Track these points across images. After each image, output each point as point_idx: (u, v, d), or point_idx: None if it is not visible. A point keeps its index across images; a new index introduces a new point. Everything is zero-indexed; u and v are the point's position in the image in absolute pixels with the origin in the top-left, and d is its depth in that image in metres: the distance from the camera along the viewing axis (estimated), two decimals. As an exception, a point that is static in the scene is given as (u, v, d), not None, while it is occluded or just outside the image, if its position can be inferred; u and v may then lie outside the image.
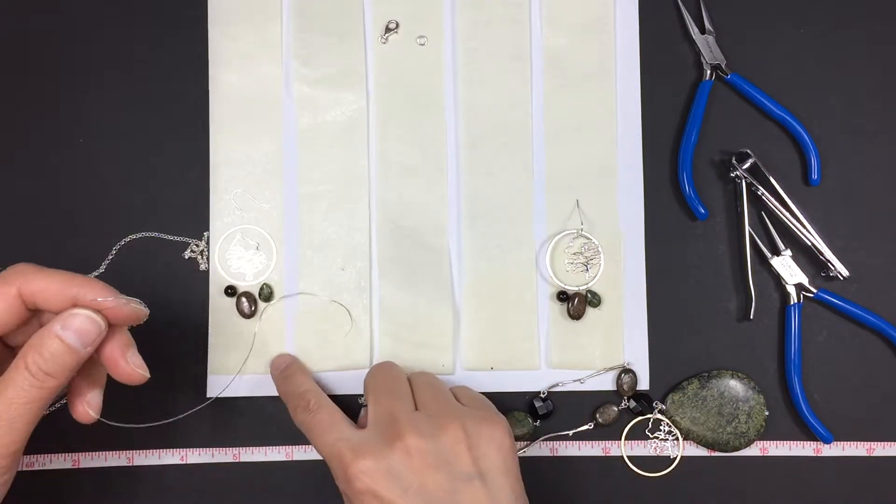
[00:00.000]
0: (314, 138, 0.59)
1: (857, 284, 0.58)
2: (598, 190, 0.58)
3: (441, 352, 0.58)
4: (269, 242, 0.59)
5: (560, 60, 0.59)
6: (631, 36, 0.59)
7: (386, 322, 0.58)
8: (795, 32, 0.60)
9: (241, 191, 0.59)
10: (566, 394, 0.58)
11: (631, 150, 0.59)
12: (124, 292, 0.59)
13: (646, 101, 0.59)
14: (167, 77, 0.60)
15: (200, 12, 0.60)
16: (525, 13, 0.60)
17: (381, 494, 0.45)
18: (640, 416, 0.57)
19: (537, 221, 0.59)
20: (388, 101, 0.59)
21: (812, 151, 0.58)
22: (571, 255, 0.58)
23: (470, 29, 0.59)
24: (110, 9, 0.60)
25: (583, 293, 0.58)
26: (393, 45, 0.60)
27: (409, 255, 0.58)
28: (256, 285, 0.58)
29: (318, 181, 0.59)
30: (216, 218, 0.59)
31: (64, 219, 0.59)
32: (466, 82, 0.59)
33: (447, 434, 0.47)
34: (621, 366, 0.57)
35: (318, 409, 0.50)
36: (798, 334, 0.57)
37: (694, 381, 0.57)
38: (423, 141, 0.59)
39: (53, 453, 0.58)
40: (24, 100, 0.60)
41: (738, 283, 0.58)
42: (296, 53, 0.59)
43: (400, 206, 0.59)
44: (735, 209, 0.58)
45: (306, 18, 0.59)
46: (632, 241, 0.58)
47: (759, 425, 0.57)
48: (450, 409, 0.49)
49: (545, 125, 0.59)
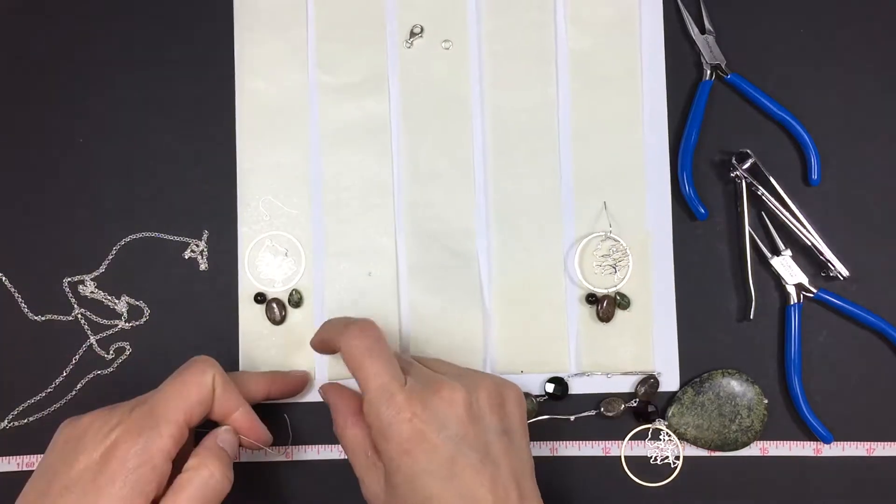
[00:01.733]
0: (340, 144, 0.59)
1: (857, 284, 0.58)
2: (626, 191, 0.58)
3: (472, 355, 0.57)
4: (298, 248, 0.59)
5: (586, 62, 0.59)
6: (656, 35, 0.59)
7: (415, 326, 0.58)
8: (795, 32, 0.60)
9: (270, 197, 0.59)
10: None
11: (658, 151, 0.59)
12: (124, 292, 0.59)
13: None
14: (167, 77, 0.60)
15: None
16: (549, 15, 0.60)
17: (429, 437, 0.45)
18: (641, 426, 0.57)
19: (565, 224, 0.58)
20: (414, 106, 0.59)
21: (812, 151, 0.58)
22: (600, 257, 0.58)
23: (495, 32, 0.59)
24: (114, 6, 0.60)
25: (612, 295, 0.58)
26: (418, 50, 0.60)
27: (438, 260, 0.58)
28: (286, 291, 0.58)
29: (344, 187, 0.59)
30: (244, 224, 0.59)
31: (64, 219, 0.59)
32: (492, 86, 0.59)
33: (482, 390, 0.48)
34: (651, 372, 0.57)
35: (375, 339, 0.49)
36: (798, 334, 0.57)
37: (688, 390, 0.57)
38: (449, 145, 0.59)
39: (53, 453, 0.58)
40: (25, 100, 0.60)
41: (738, 283, 0.58)
42: (319, 61, 0.59)
43: (428, 210, 0.59)
44: (735, 209, 0.58)
45: (329, 26, 0.60)
46: (660, 241, 0.58)
47: (761, 416, 0.57)
48: (473, 371, 0.52)
49: (572, 127, 0.59)
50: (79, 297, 0.59)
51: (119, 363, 0.58)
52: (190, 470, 0.46)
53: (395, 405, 0.46)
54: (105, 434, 0.45)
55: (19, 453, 0.58)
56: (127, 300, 0.59)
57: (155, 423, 0.46)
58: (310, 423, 0.58)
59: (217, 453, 0.48)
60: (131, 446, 0.45)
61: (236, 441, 0.50)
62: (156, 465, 0.45)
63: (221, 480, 0.47)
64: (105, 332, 0.59)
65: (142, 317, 0.59)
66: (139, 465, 0.45)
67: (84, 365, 0.58)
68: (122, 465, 0.44)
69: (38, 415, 0.58)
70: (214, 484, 0.46)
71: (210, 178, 0.59)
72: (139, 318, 0.59)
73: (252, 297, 0.58)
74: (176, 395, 0.48)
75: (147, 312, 0.59)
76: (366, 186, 0.59)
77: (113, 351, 0.58)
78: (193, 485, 0.46)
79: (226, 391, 0.50)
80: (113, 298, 0.59)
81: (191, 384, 0.48)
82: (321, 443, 0.58)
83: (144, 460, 0.45)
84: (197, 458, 0.47)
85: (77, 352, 0.58)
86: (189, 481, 0.46)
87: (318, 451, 0.58)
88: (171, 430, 0.46)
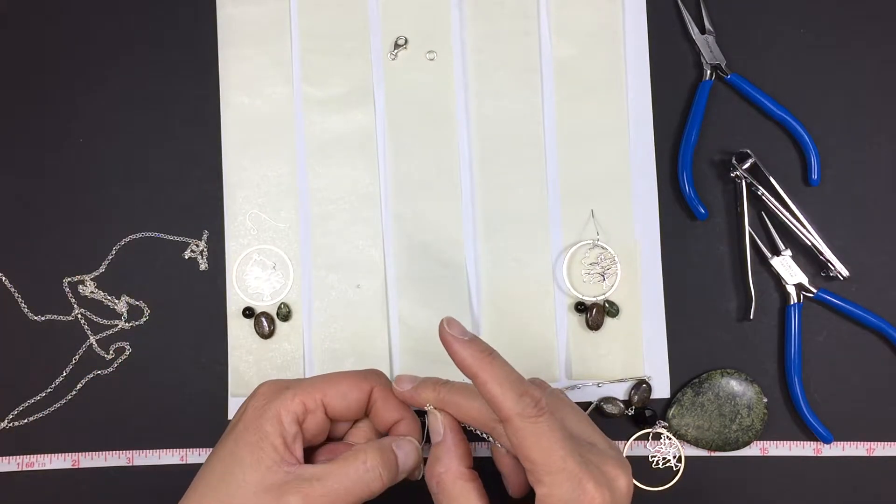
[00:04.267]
0: (326, 157, 0.59)
1: (857, 284, 0.58)
2: (613, 199, 0.58)
3: None
4: (286, 262, 0.58)
5: (570, 71, 0.59)
6: (640, 43, 0.59)
7: (405, 338, 0.58)
8: (795, 32, 0.60)
9: (257, 211, 0.59)
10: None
11: (644, 158, 0.59)
12: (124, 292, 0.59)
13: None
14: (167, 77, 0.60)
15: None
16: (534, 24, 0.59)
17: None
18: (642, 430, 0.57)
19: (553, 232, 0.58)
20: (399, 117, 0.59)
21: (812, 151, 0.58)
22: (588, 265, 0.58)
23: (479, 42, 0.59)
24: (112, 10, 0.60)
25: (601, 303, 0.58)
26: (402, 61, 0.60)
27: (426, 271, 0.58)
28: (274, 305, 0.58)
29: (331, 199, 0.59)
30: (231, 238, 0.59)
31: (64, 219, 0.59)
32: (478, 96, 0.59)
33: (626, 474, 0.45)
34: (641, 378, 0.57)
35: (548, 412, 0.43)
36: (798, 334, 0.57)
37: (687, 391, 0.57)
38: (436, 156, 0.59)
39: (53, 453, 0.58)
40: (25, 100, 0.60)
41: (738, 283, 0.58)
42: (304, 74, 0.59)
43: (415, 221, 0.59)
44: (735, 209, 0.58)
45: (314, 38, 0.60)
46: (648, 249, 0.58)
47: (761, 414, 0.57)
48: (613, 450, 0.47)
49: (558, 136, 0.59)
50: (79, 297, 0.59)
51: (119, 363, 0.58)
52: (349, 454, 0.45)
53: (586, 495, 0.42)
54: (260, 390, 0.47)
55: (19, 453, 0.58)
56: (127, 300, 0.59)
57: (292, 389, 0.46)
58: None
59: (383, 452, 0.46)
60: (262, 401, 0.46)
61: (414, 453, 0.47)
62: (280, 420, 0.45)
63: (374, 478, 0.45)
64: (105, 332, 0.59)
65: (142, 317, 0.59)
66: (266, 419, 0.45)
67: (84, 365, 0.58)
68: (256, 413, 0.46)
69: (38, 415, 0.58)
70: (365, 475, 0.45)
71: (207, 182, 0.59)
72: (139, 318, 0.59)
73: (240, 311, 0.58)
74: (325, 379, 0.47)
75: (147, 312, 0.59)
76: (352, 198, 0.59)
77: (113, 351, 0.58)
78: (344, 466, 0.45)
79: (386, 402, 0.48)
80: (113, 298, 0.59)
81: (344, 376, 0.48)
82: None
83: (271, 415, 0.45)
84: (361, 447, 0.46)
85: (77, 352, 0.58)
86: (344, 460, 0.45)
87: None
88: (301, 396, 0.46)
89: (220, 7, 0.60)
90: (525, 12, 0.59)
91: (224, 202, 0.59)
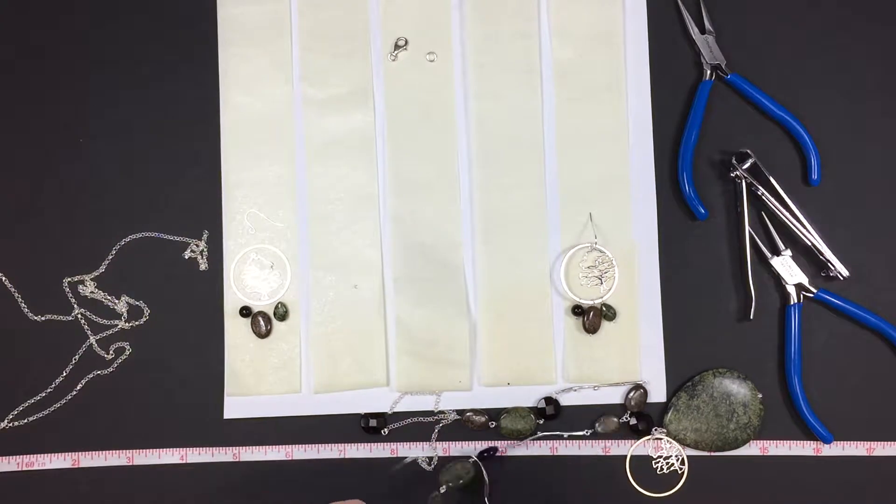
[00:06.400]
0: (325, 157, 0.59)
1: (857, 284, 0.58)
2: (612, 201, 0.58)
3: (458, 368, 0.57)
4: (284, 261, 0.58)
5: (570, 73, 0.59)
6: (640, 47, 0.59)
7: (403, 339, 0.58)
8: (795, 32, 0.60)
9: (255, 210, 0.59)
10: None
11: (643, 159, 0.59)
12: (124, 292, 0.59)
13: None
14: (167, 77, 0.60)
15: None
16: (534, 26, 0.59)
17: None
18: (641, 439, 0.57)
19: (551, 235, 0.58)
20: (399, 118, 0.59)
21: (812, 151, 0.58)
22: (586, 268, 0.58)
23: (479, 44, 0.59)
24: (112, 11, 0.60)
25: (598, 307, 0.58)
26: (402, 63, 0.60)
27: (424, 272, 0.58)
28: (271, 305, 0.58)
29: (329, 200, 0.59)
30: (230, 238, 0.59)
31: (64, 219, 0.59)
32: (477, 97, 0.59)
33: None
34: (636, 382, 0.57)
35: None
36: (798, 334, 0.57)
37: (682, 395, 0.57)
38: (435, 157, 0.59)
39: (53, 453, 0.58)
40: (25, 100, 0.60)
41: (738, 283, 0.58)
42: (304, 74, 0.59)
43: (414, 222, 0.58)
44: (735, 209, 0.58)
45: (314, 38, 0.60)
46: (646, 252, 0.58)
47: (758, 411, 0.57)
48: None
49: (557, 138, 0.59)
50: (79, 297, 0.59)
51: (119, 363, 0.58)
52: None
53: None
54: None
55: (19, 453, 0.58)
56: (127, 300, 0.59)
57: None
58: (310, 424, 0.58)
59: None
60: None
61: None
62: None
63: None
64: (105, 332, 0.59)
65: (142, 317, 0.59)
66: None
67: (84, 365, 0.58)
68: None
69: (38, 415, 0.58)
70: None
71: (207, 182, 0.59)
72: (139, 318, 0.59)
73: (237, 310, 0.58)
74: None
75: (147, 312, 0.59)
76: (351, 199, 0.59)
77: (113, 351, 0.58)
78: None
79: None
80: (113, 298, 0.59)
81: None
82: (320, 442, 0.58)
83: None
84: None
85: (77, 352, 0.58)
86: None
87: (318, 450, 0.58)
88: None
89: (221, 7, 0.60)
90: (525, 14, 0.59)
91: (223, 202, 0.59)
